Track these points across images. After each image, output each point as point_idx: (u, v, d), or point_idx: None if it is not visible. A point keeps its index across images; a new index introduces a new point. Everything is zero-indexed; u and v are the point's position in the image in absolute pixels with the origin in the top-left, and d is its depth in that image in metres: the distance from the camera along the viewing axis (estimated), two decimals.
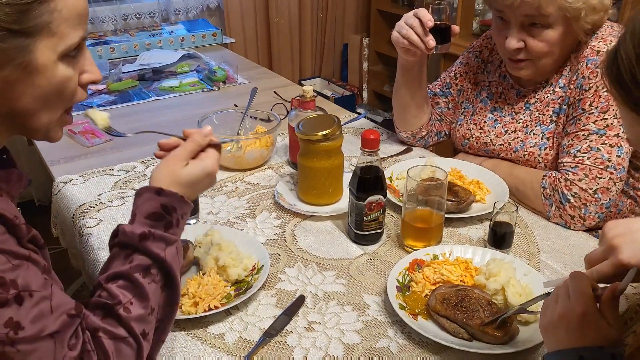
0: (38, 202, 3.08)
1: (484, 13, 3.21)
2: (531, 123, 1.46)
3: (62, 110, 0.86)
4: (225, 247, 1.16)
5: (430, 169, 1.25)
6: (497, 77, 1.56)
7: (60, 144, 1.77)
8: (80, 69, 0.84)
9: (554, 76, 1.43)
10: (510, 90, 1.52)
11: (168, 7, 3.14)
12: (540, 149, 1.43)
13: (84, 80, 0.86)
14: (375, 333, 1.04)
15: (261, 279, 1.12)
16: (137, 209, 0.91)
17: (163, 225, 0.89)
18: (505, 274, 1.07)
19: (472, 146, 1.58)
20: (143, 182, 1.53)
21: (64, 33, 0.78)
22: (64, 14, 0.77)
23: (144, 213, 0.90)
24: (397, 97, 1.63)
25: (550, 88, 1.44)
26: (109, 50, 2.57)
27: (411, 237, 1.25)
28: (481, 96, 1.59)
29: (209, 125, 1.00)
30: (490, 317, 1.00)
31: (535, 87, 1.47)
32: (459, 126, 1.62)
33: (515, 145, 1.47)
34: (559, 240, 1.30)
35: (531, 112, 1.47)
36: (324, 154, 1.35)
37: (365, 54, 3.96)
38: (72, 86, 0.83)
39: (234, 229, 1.30)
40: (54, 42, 0.77)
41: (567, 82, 1.40)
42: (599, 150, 1.31)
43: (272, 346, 1.01)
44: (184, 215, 0.93)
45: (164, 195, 0.91)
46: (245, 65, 2.54)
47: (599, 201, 1.31)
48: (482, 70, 1.61)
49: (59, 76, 0.80)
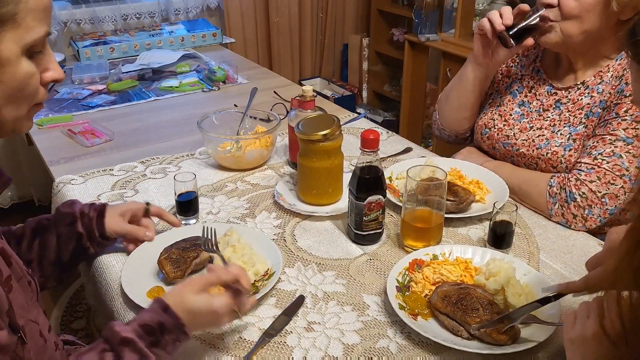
0: (38, 202, 3.08)
1: (484, 13, 3.21)
2: (559, 123, 1.44)
3: (27, 107, 0.83)
4: (240, 249, 1.16)
5: (429, 169, 1.25)
6: (531, 71, 1.54)
7: (60, 144, 1.78)
8: (42, 66, 0.82)
9: (592, 79, 1.41)
10: (542, 86, 1.50)
11: (168, 7, 3.14)
12: (565, 150, 1.41)
13: (47, 78, 0.84)
14: (375, 333, 1.04)
15: (269, 285, 1.11)
16: (140, 314, 0.92)
17: (149, 342, 0.89)
18: (505, 274, 1.07)
19: (491, 136, 1.56)
20: (143, 182, 1.53)
21: (29, 26, 0.76)
22: (30, 5, 0.76)
23: (141, 321, 0.90)
24: (456, 97, 1.62)
25: (585, 91, 1.42)
26: (109, 50, 2.57)
27: (411, 237, 1.25)
28: (511, 88, 1.57)
29: (244, 273, 0.98)
30: (490, 316, 1.00)
31: (569, 87, 1.45)
32: (482, 114, 1.60)
33: (539, 143, 1.45)
34: (559, 240, 1.30)
35: (561, 111, 1.45)
36: (324, 154, 1.35)
37: (365, 54, 3.95)
38: (34, 83, 0.81)
39: (255, 231, 1.30)
40: (18, 35, 0.75)
41: (606, 87, 1.38)
42: (621, 157, 1.30)
43: (271, 346, 1.01)
44: (176, 342, 0.92)
45: (167, 314, 0.91)
46: (245, 65, 2.54)
47: (604, 205, 1.30)
48: (516, 63, 1.59)
49: (22, 71, 0.78)
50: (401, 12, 3.63)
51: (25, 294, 0.84)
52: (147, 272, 1.17)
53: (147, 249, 1.21)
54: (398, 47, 3.73)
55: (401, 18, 3.74)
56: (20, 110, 0.82)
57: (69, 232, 1.16)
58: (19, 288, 0.82)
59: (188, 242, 1.20)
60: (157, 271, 1.16)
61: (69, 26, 2.93)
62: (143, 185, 1.52)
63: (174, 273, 1.13)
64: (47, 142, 1.80)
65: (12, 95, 0.79)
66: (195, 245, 1.18)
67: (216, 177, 1.57)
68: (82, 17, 2.95)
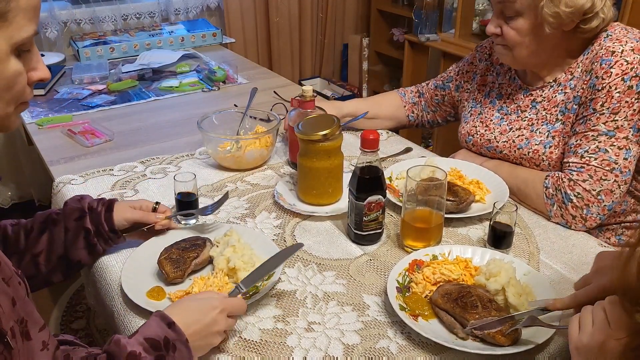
0: (38, 202, 3.08)
1: (483, 13, 3.21)
2: (537, 121, 1.46)
3: (14, 105, 0.84)
4: (240, 249, 1.16)
5: (429, 169, 1.25)
6: (507, 80, 1.57)
7: (60, 144, 1.78)
8: (30, 65, 0.83)
9: (563, 76, 1.43)
10: (519, 91, 1.53)
11: (168, 7, 3.14)
12: (545, 147, 1.42)
13: (33, 77, 0.84)
14: (375, 333, 1.04)
15: (269, 285, 1.11)
16: (142, 327, 0.91)
17: (155, 356, 0.88)
18: (506, 274, 1.07)
19: (475, 142, 1.58)
20: (143, 182, 1.53)
21: (19, 24, 0.76)
22: (21, 4, 0.76)
23: (146, 334, 0.89)
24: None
25: (559, 88, 1.44)
26: (108, 50, 2.57)
27: (411, 237, 1.25)
28: (490, 97, 1.60)
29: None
30: (488, 314, 1.00)
31: (542, 86, 1.47)
32: (465, 124, 1.63)
33: (519, 143, 1.47)
34: (559, 241, 1.30)
35: (537, 110, 1.47)
36: (324, 154, 1.35)
37: (365, 54, 3.95)
38: (22, 81, 0.82)
39: (255, 231, 1.30)
40: (9, 33, 0.76)
41: (578, 83, 1.40)
42: (607, 151, 1.31)
43: (271, 346, 1.01)
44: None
45: (172, 330, 0.90)
46: (245, 65, 2.54)
47: (601, 203, 1.31)
48: (491, 72, 1.62)
49: (11, 70, 0.78)
50: (401, 12, 3.63)
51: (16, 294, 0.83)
52: (147, 272, 1.17)
53: (147, 249, 1.21)
54: (398, 47, 3.73)
55: (401, 18, 3.74)
56: (7, 108, 0.82)
57: (77, 227, 1.16)
58: (6, 289, 0.81)
59: (188, 242, 1.20)
60: (157, 271, 1.16)
61: (69, 26, 2.93)
62: (143, 185, 1.52)
63: (174, 273, 1.13)
64: (47, 142, 1.80)
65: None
66: (195, 245, 1.19)
67: (216, 177, 1.57)
68: (82, 17, 2.96)
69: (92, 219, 1.17)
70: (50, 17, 2.84)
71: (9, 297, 0.80)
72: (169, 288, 1.12)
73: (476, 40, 3.04)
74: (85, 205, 1.18)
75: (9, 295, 0.80)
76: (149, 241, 1.24)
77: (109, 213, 1.18)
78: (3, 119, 0.83)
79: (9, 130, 0.87)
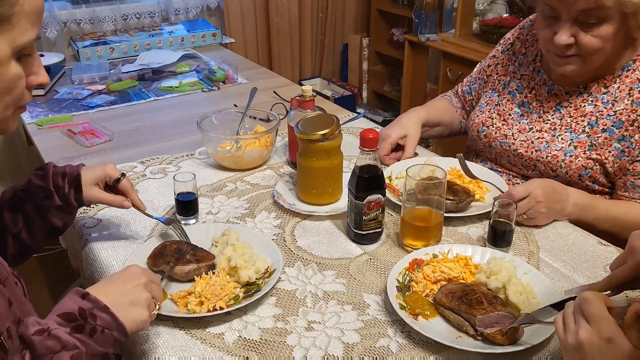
0: None
1: (484, 13, 3.21)
2: (560, 127, 1.42)
3: (12, 108, 0.84)
4: (240, 248, 1.16)
5: (429, 168, 1.25)
6: (531, 71, 1.52)
7: (60, 144, 1.78)
8: (29, 69, 0.83)
9: (595, 85, 1.39)
10: (543, 87, 1.48)
11: (168, 7, 3.14)
12: (566, 155, 1.39)
13: (33, 82, 0.85)
14: (375, 332, 1.04)
15: (270, 283, 1.11)
16: (57, 305, 0.85)
17: (72, 327, 0.82)
18: (506, 272, 1.07)
19: (489, 134, 1.54)
20: (143, 182, 1.53)
21: (22, 28, 0.77)
22: (25, 8, 0.76)
23: (59, 310, 0.84)
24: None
25: (588, 97, 1.40)
26: (108, 50, 2.57)
27: (410, 236, 1.25)
28: (509, 87, 1.55)
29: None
30: (494, 309, 1.00)
31: (570, 90, 1.43)
32: (479, 112, 1.59)
33: (538, 145, 1.44)
34: (559, 239, 1.30)
35: (562, 115, 1.43)
36: (323, 154, 1.35)
37: (365, 54, 3.96)
38: (22, 85, 0.82)
39: (253, 230, 1.30)
40: (11, 37, 0.76)
41: (613, 99, 1.35)
42: None
43: (271, 345, 1.01)
44: (106, 330, 0.85)
45: (87, 300, 0.85)
46: (245, 65, 2.54)
47: None
48: (513, 62, 1.58)
49: (11, 73, 0.79)
50: (401, 12, 3.63)
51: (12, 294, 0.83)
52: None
53: (148, 249, 1.20)
54: (398, 47, 3.73)
55: (401, 18, 3.74)
56: (5, 112, 0.82)
57: (47, 205, 1.14)
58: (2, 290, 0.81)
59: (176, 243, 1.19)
60: (157, 271, 1.16)
61: (68, 26, 2.94)
62: (143, 185, 1.52)
63: (154, 264, 1.15)
64: (47, 142, 1.80)
65: None
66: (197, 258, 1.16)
67: (216, 177, 1.57)
68: (82, 17, 2.96)
69: (60, 197, 1.14)
70: (50, 17, 2.84)
71: (5, 298, 0.80)
72: (170, 288, 1.12)
73: (476, 40, 3.04)
74: (50, 184, 1.13)
75: (5, 296, 0.80)
76: (149, 241, 1.24)
77: (78, 194, 1.15)
78: (1, 122, 0.83)
79: (7, 133, 0.87)
